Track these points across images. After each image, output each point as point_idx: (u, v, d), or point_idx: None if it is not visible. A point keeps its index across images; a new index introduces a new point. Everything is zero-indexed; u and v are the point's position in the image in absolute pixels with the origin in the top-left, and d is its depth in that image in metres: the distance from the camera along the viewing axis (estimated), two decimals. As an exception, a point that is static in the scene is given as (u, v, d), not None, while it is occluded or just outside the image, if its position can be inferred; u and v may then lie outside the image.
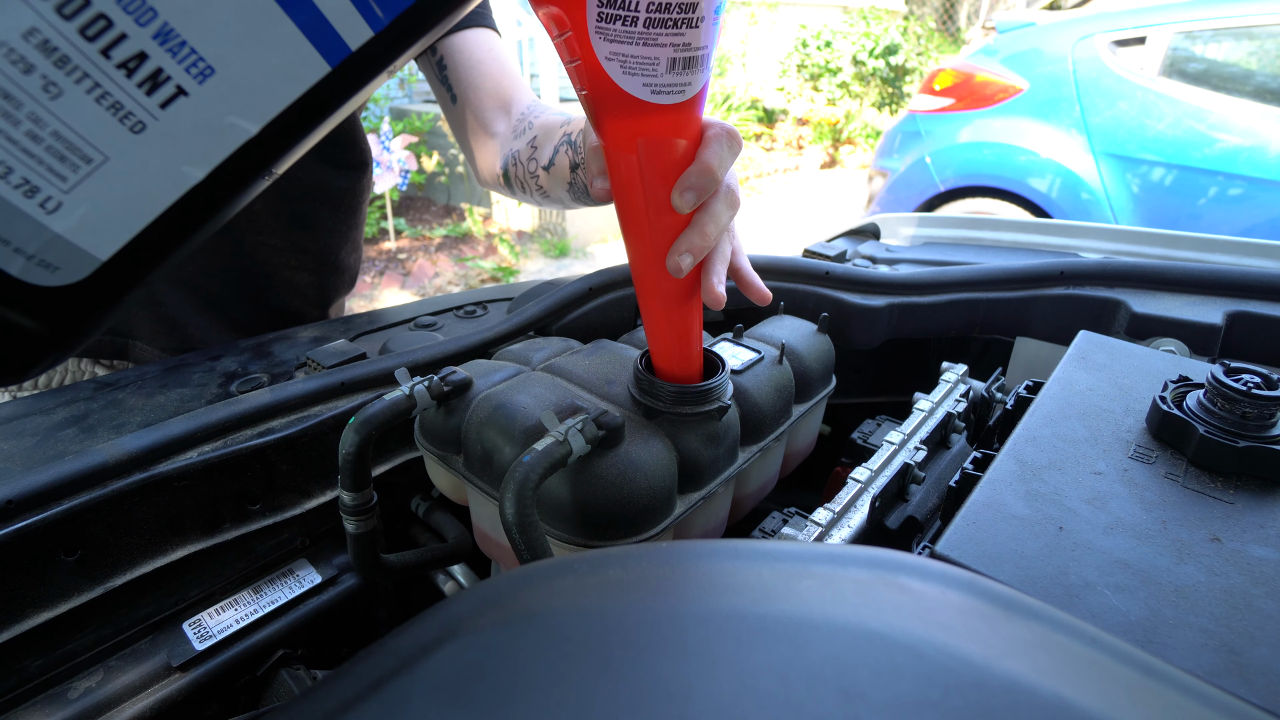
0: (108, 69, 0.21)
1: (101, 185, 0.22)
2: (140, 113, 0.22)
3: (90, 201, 0.23)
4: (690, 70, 0.38)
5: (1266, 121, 2.29)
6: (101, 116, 0.22)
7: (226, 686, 0.48)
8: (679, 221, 0.43)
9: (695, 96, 0.39)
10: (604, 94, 0.38)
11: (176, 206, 0.24)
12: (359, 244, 0.96)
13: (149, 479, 0.48)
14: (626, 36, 0.35)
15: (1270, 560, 0.33)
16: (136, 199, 0.23)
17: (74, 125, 0.22)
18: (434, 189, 5.13)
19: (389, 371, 0.61)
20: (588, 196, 0.68)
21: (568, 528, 0.45)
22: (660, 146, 0.40)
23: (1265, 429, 0.39)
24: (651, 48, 0.36)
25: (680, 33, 0.36)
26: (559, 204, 0.73)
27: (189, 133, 0.23)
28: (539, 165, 0.70)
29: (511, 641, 0.19)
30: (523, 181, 0.73)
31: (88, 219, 0.23)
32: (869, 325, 0.79)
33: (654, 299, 0.46)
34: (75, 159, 0.22)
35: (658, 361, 0.50)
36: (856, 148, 7.12)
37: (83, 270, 0.24)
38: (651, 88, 0.37)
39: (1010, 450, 0.42)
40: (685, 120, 0.40)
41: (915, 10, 8.88)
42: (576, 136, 0.66)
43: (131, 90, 0.22)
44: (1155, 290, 0.75)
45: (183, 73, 0.22)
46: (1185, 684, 0.19)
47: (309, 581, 0.54)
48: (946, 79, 2.94)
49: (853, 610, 0.20)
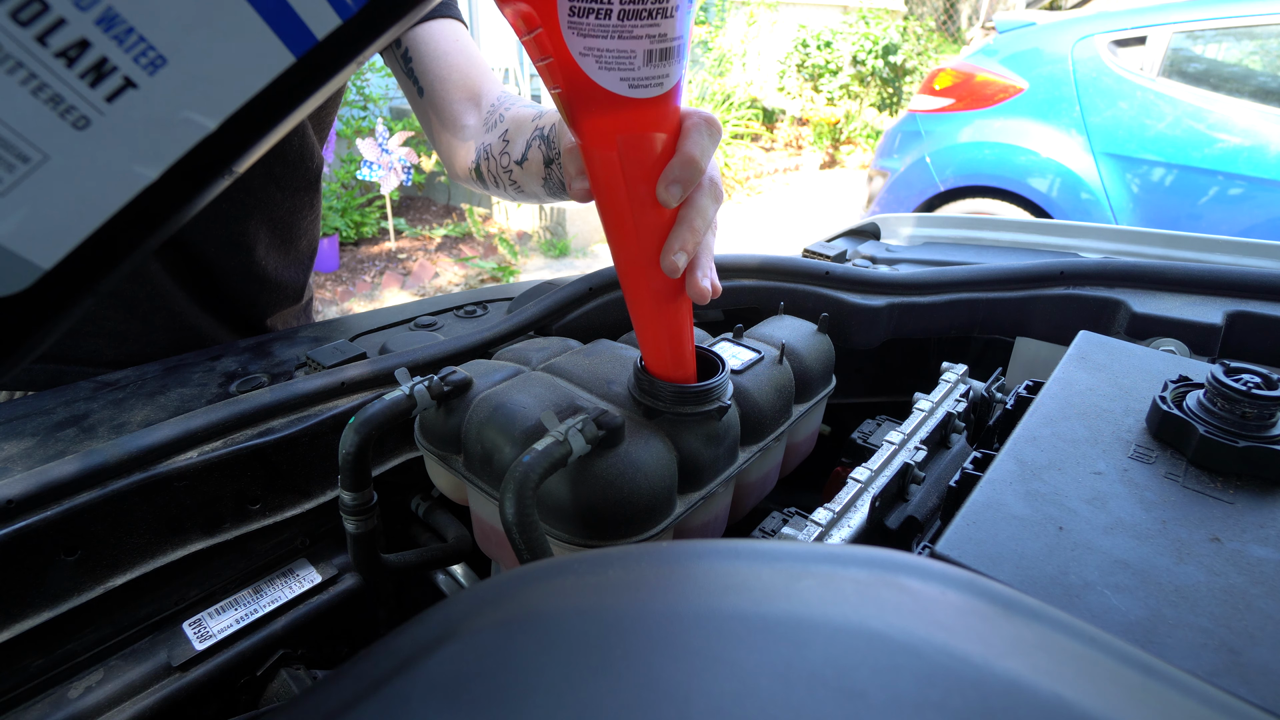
0: (44, 58, 0.19)
1: (42, 186, 0.20)
2: (84, 106, 0.20)
3: (30, 204, 0.21)
4: (667, 62, 0.37)
5: (1266, 121, 2.29)
6: (39, 110, 0.20)
7: (226, 686, 0.48)
8: (664, 218, 0.42)
9: (673, 89, 0.38)
10: (580, 91, 0.37)
11: (128, 209, 0.22)
12: (304, 259, 0.89)
13: (149, 479, 0.48)
14: (601, 30, 0.34)
15: (1270, 560, 0.33)
16: (83, 201, 0.21)
17: (7, 120, 0.20)
18: (434, 189, 5.13)
19: (389, 371, 0.61)
20: (562, 191, 0.67)
21: (568, 528, 0.45)
22: (641, 142, 0.39)
23: (1265, 429, 0.39)
24: (627, 40, 0.35)
25: (655, 23, 0.35)
26: (534, 198, 0.71)
27: (140, 128, 0.21)
28: (511, 160, 0.68)
29: (511, 641, 0.19)
30: (496, 176, 0.72)
31: (28, 223, 0.21)
32: (869, 325, 0.79)
33: (643, 298, 0.45)
34: (10, 158, 0.20)
35: (651, 363, 0.49)
36: (856, 148, 7.12)
37: (24, 280, 0.21)
38: (629, 82, 0.36)
39: (1010, 450, 0.42)
40: (664, 113, 0.39)
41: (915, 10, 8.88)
42: (549, 130, 0.64)
43: (73, 82, 0.20)
44: (1155, 290, 0.75)
45: (131, 63, 0.20)
46: (1185, 684, 0.19)
47: (309, 581, 0.54)
48: (946, 79, 2.94)
49: (853, 610, 0.20)
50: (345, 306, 3.60)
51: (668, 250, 0.42)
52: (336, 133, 3.97)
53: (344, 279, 3.91)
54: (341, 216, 4.11)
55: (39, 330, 0.23)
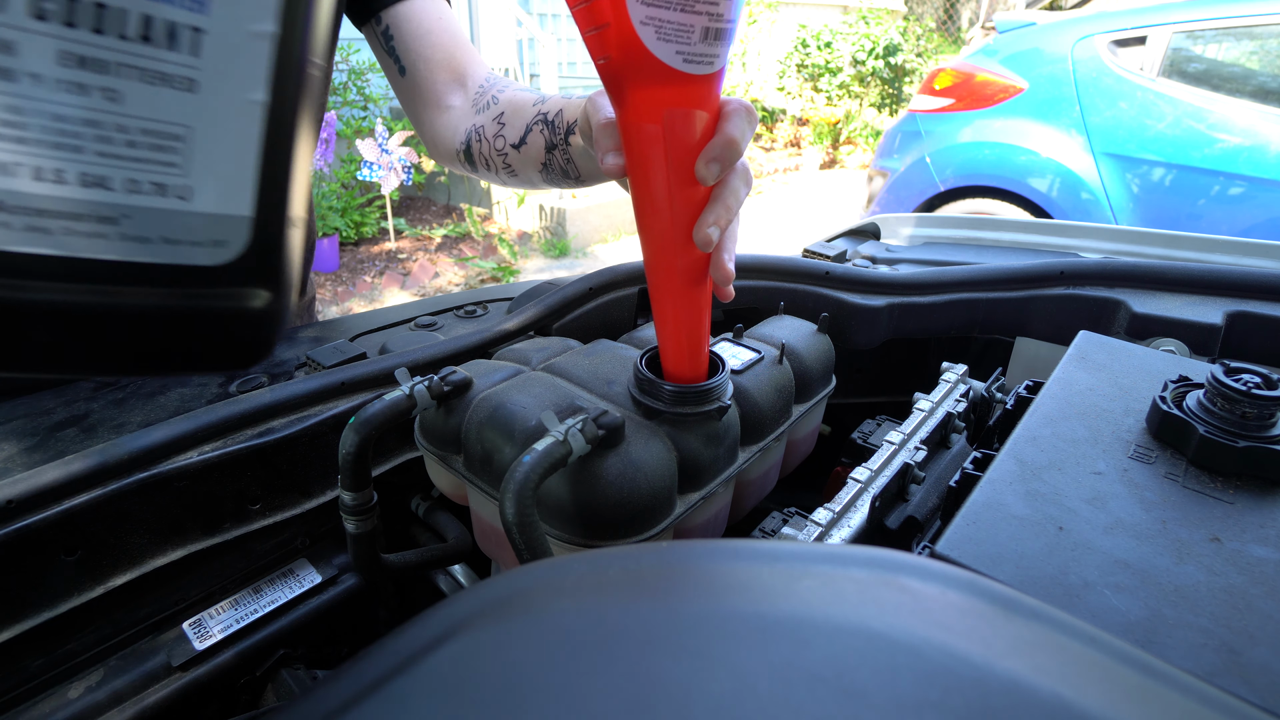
0: (134, 49, 0.22)
1: (203, 152, 0.23)
2: (184, 71, 0.22)
3: (207, 172, 0.24)
4: (719, 42, 0.38)
5: (1266, 121, 2.29)
6: (161, 95, 0.22)
7: (226, 686, 0.48)
8: (699, 196, 0.43)
9: (720, 71, 0.39)
10: (634, 60, 0.37)
11: (267, 135, 0.24)
12: None
13: (149, 479, 0.48)
14: (664, 1, 0.35)
15: (1270, 560, 0.33)
16: (236, 146, 0.24)
17: (149, 115, 0.22)
18: (434, 189, 5.13)
19: (389, 371, 0.61)
20: (563, 178, 0.66)
21: (568, 528, 0.45)
22: (686, 118, 0.40)
23: (1265, 429, 0.39)
24: (688, 14, 0.35)
25: (715, 2, 0.36)
26: (526, 184, 0.70)
27: (228, 63, 0.23)
28: (508, 143, 0.67)
29: (511, 641, 0.19)
30: (488, 160, 0.70)
31: (215, 187, 0.24)
32: (869, 325, 0.79)
33: (669, 281, 0.45)
34: (171, 143, 0.23)
35: (666, 356, 0.49)
36: (856, 148, 7.12)
37: (242, 232, 0.25)
38: (684, 56, 0.37)
39: (1010, 450, 0.42)
40: (710, 93, 0.40)
41: (915, 10, 8.88)
42: (554, 116, 0.63)
43: (163, 55, 0.22)
44: (1155, 290, 0.75)
45: (185, 12, 0.22)
46: (1185, 684, 0.19)
47: (309, 581, 0.54)
48: (946, 79, 2.94)
49: (853, 610, 0.20)
50: (345, 306, 3.60)
51: (701, 224, 0.43)
52: (337, 133, 3.97)
53: (344, 279, 3.91)
54: (341, 216, 4.11)
55: (283, 261, 0.25)
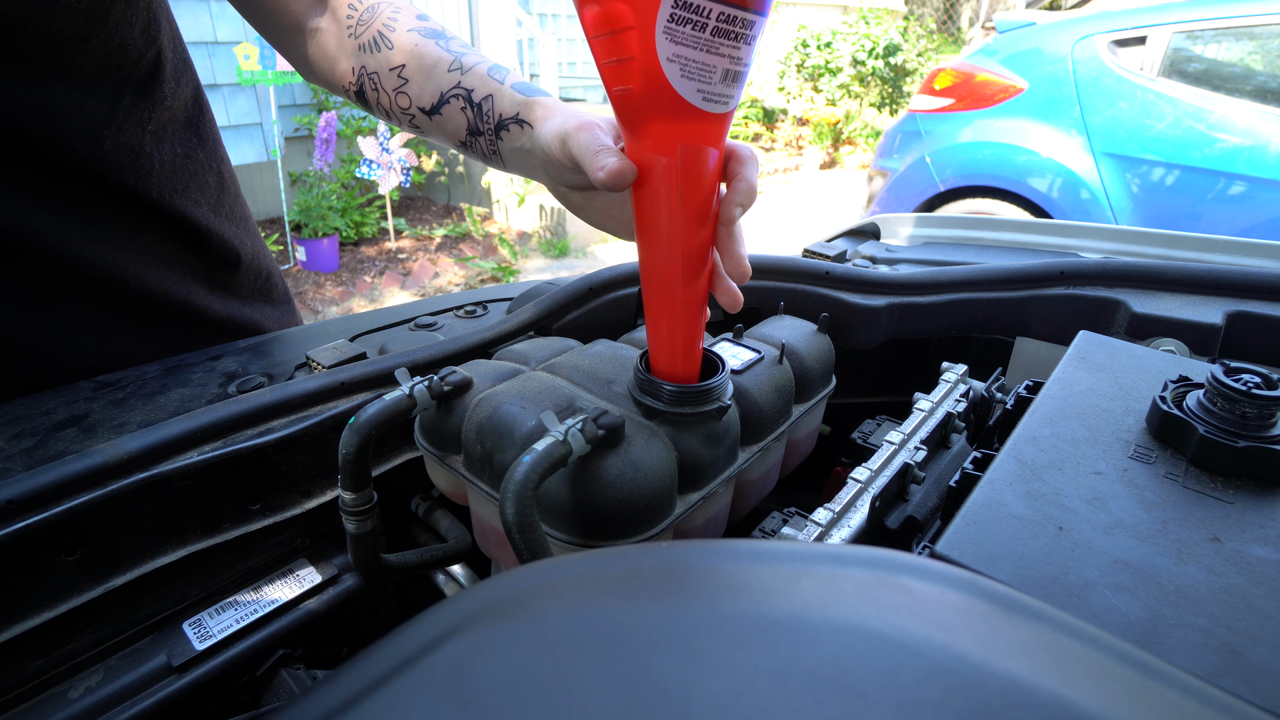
0: None
1: None
2: None
3: None
4: (735, 84, 0.40)
5: (1266, 121, 2.29)
6: None
7: (226, 686, 0.48)
8: (706, 229, 0.45)
9: (732, 111, 0.41)
10: (656, 94, 0.39)
11: None
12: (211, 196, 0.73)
13: (149, 479, 0.48)
14: (693, 41, 0.36)
15: (1270, 560, 0.33)
16: None
17: None
18: (434, 189, 5.13)
19: (389, 371, 0.61)
20: (483, 159, 0.61)
21: (568, 528, 0.45)
22: (699, 154, 0.42)
23: (1265, 429, 0.39)
24: (712, 56, 0.37)
25: (737, 46, 0.38)
26: (435, 142, 0.65)
27: None
28: (414, 104, 0.60)
29: (511, 641, 0.19)
30: (389, 111, 0.63)
31: None
32: (869, 325, 0.79)
33: (668, 298, 0.46)
34: None
35: (659, 360, 0.49)
36: (856, 148, 7.12)
37: None
38: (705, 94, 0.39)
39: (1010, 450, 0.42)
40: (722, 130, 0.42)
41: (915, 10, 8.88)
42: (483, 100, 0.57)
43: None
44: (1155, 290, 0.75)
45: None
46: (1185, 684, 0.19)
47: (309, 581, 0.54)
48: (946, 79, 2.94)
49: (853, 610, 0.20)
50: (345, 306, 3.60)
51: (727, 204, 0.45)
52: (337, 133, 3.97)
53: (344, 279, 3.91)
54: (341, 216, 4.11)
55: None
